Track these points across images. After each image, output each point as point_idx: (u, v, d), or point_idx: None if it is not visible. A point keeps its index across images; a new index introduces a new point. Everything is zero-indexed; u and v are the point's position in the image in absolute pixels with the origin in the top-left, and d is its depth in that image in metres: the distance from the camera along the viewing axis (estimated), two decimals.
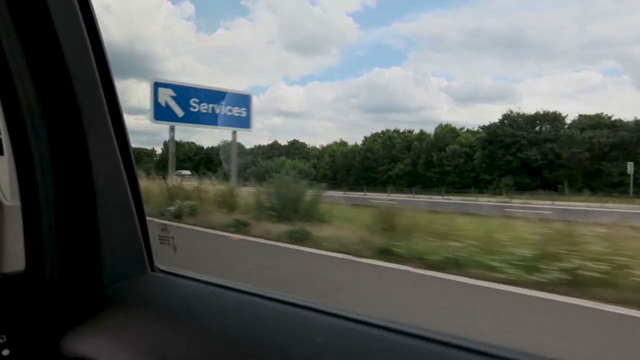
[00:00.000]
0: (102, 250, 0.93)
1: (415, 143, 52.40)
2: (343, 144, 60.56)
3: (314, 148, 64.06)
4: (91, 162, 0.90)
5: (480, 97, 69.49)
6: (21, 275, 0.92)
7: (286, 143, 64.51)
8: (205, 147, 62.35)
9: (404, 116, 70.35)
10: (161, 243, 1.39)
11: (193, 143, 59.80)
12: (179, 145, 50.42)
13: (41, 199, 0.91)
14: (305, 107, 72.04)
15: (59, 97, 0.87)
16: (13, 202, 0.93)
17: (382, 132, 57.12)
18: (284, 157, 56.49)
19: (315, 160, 59.51)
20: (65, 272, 0.92)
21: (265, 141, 67.25)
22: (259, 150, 59.65)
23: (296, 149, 63.72)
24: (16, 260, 0.92)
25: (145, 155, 56.54)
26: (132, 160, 0.98)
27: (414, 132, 55.23)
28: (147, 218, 1.04)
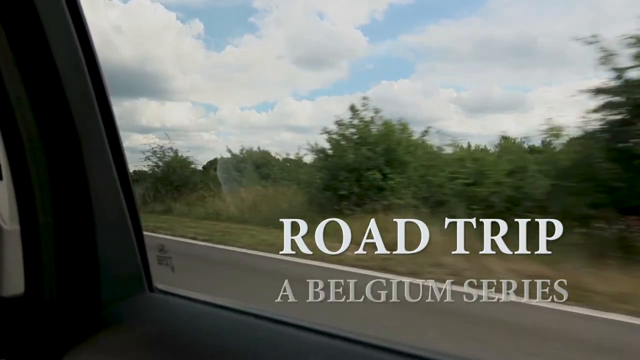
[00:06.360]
0: (100, 270, 0.94)
1: None
2: None
3: None
4: (88, 182, 0.91)
5: (491, 107, 68.10)
6: (21, 298, 0.93)
7: None
8: None
9: (414, 128, 69.89)
10: (159, 263, 1.39)
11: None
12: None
13: (40, 221, 0.92)
14: (315, 121, 70.50)
15: (56, 120, 0.89)
16: (12, 225, 0.93)
17: None
18: None
19: None
20: (64, 293, 0.93)
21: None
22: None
23: None
24: (16, 284, 0.93)
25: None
26: (129, 178, 0.99)
27: None
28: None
